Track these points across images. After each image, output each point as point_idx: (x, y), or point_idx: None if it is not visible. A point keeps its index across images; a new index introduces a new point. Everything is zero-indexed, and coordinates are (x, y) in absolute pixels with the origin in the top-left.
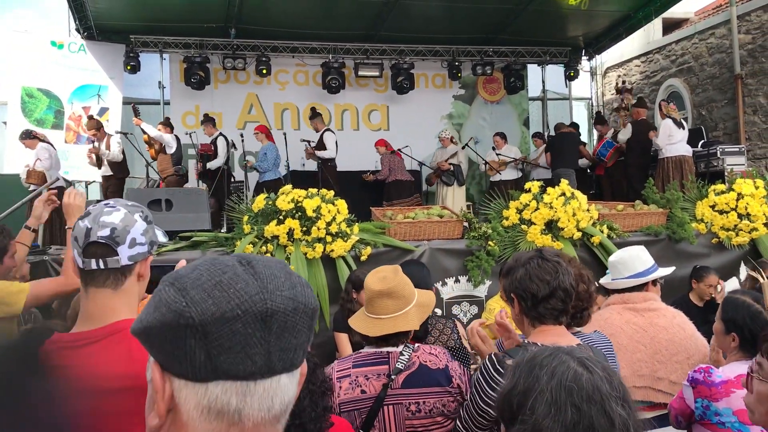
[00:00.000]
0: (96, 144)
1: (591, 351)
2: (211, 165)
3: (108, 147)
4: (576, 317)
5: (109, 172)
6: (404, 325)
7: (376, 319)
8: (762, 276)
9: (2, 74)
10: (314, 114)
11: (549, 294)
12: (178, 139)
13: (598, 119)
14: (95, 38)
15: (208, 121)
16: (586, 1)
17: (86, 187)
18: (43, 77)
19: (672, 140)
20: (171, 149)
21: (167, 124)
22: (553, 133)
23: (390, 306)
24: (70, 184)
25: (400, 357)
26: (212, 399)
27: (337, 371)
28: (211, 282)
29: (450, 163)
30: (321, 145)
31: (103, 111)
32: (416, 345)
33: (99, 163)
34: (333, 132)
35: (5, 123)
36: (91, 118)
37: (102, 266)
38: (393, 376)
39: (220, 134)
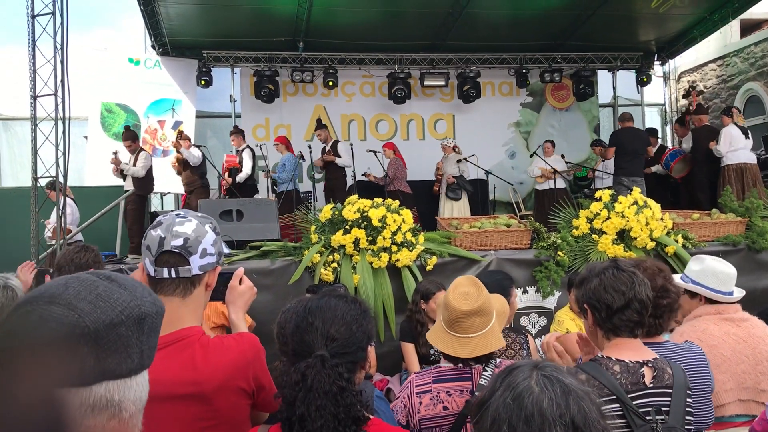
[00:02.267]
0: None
1: (668, 365)
2: (239, 178)
3: (135, 163)
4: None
5: (130, 187)
6: (496, 344)
7: (464, 338)
8: None
9: (83, 91)
10: (319, 125)
11: (624, 305)
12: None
13: (679, 120)
14: (169, 54)
15: (238, 132)
16: (667, 6)
17: (161, 198)
18: (121, 93)
19: (733, 147)
20: (197, 161)
21: (184, 138)
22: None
23: (478, 324)
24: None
25: (483, 373)
26: (96, 399)
27: (416, 386)
28: (91, 295)
29: (453, 177)
30: (335, 154)
31: (177, 124)
32: (498, 360)
33: (122, 175)
34: (346, 143)
35: (86, 137)
36: (127, 129)
37: (173, 275)
38: (476, 393)
39: (247, 146)
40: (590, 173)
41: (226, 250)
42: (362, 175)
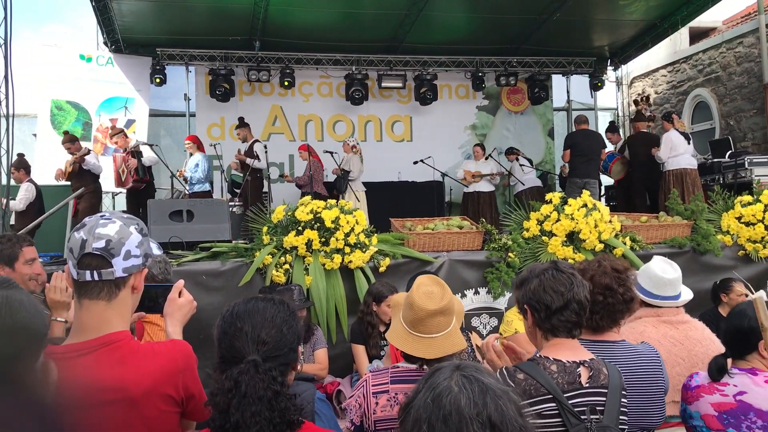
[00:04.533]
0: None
1: (604, 366)
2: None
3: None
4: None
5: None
6: (460, 344)
7: (428, 338)
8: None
9: (33, 87)
10: (241, 123)
11: (563, 306)
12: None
13: (610, 127)
14: (123, 51)
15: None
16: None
17: (113, 198)
18: (72, 90)
19: (674, 153)
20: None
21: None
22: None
23: (442, 323)
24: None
25: None
26: None
27: (373, 385)
28: None
29: (342, 169)
30: (251, 155)
31: (129, 123)
32: None
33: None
34: (262, 143)
35: (35, 135)
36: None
37: (96, 278)
38: None
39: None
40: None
41: (157, 252)
42: (279, 176)
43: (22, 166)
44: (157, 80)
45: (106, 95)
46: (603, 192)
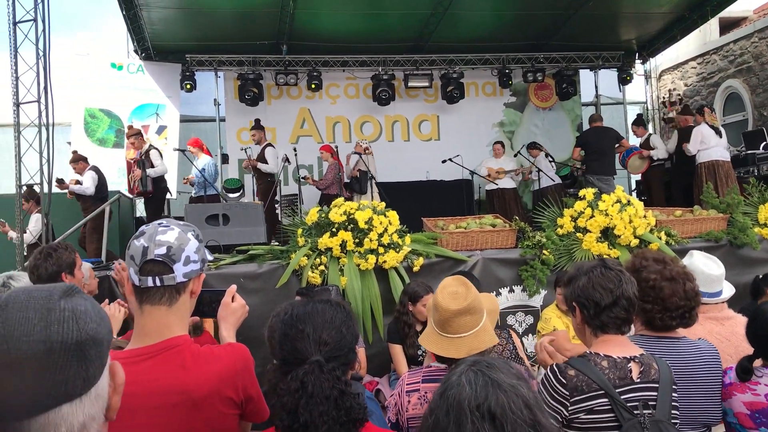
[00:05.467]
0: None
1: (654, 361)
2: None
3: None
4: (684, 317)
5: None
6: (490, 341)
7: (455, 338)
8: None
9: (66, 96)
10: (257, 125)
11: (612, 303)
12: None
13: (636, 120)
14: (152, 59)
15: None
16: None
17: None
18: (104, 98)
19: (704, 146)
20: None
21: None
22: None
23: (469, 322)
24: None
25: None
26: None
27: (407, 384)
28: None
29: (359, 170)
30: (262, 159)
31: (161, 129)
32: None
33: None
34: (275, 148)
35: (69, 143)
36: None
37: (158, 283)
38: None
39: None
40: (574, 170)
41: (209, 257)
42: (302, 178)
43: (32, 197)
44: (188, 86)
45: (138, 102)
46: (634, 187)
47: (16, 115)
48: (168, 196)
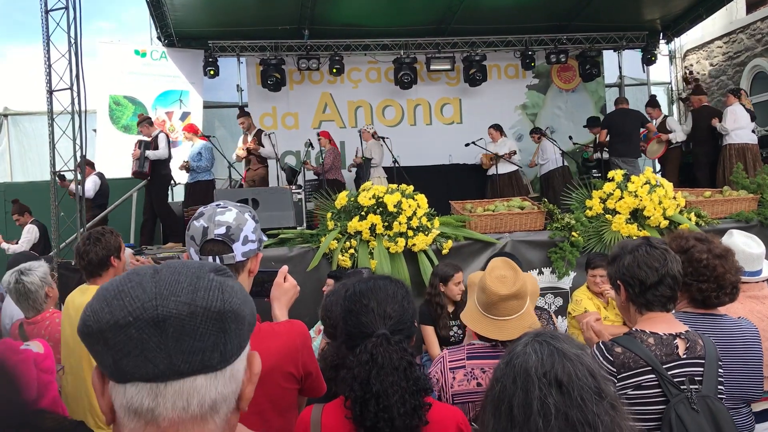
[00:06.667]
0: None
1: (699, 337)
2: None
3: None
4: (734, 293)
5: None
6: (532, 324)
7: (501, 321)
8: None
9: (92, 84)
10: (242, 113)
11: (658, 281)
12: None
13: (650, 102)
14: (175, 45)
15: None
16: None
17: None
18: (129, 85)
19: (737, 125)
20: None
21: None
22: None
23: (515, 307)
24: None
25: None
26: (129, 399)
27: (450, 361)
28: (113, 291)
29: (364, 156)
30: (260, 143)
31: (185, 115)
32: None
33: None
34: (266, 132)
35: (95, 131)
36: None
37: (219, 262)
38: None
39: (160, 132)
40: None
41: (264, 238)
42: (301, 163)
43: (26, 210)
44: (211, 72)
45: (162, 89)
46: (659, 169)
47: (50, 102)
48: (172, 183)
